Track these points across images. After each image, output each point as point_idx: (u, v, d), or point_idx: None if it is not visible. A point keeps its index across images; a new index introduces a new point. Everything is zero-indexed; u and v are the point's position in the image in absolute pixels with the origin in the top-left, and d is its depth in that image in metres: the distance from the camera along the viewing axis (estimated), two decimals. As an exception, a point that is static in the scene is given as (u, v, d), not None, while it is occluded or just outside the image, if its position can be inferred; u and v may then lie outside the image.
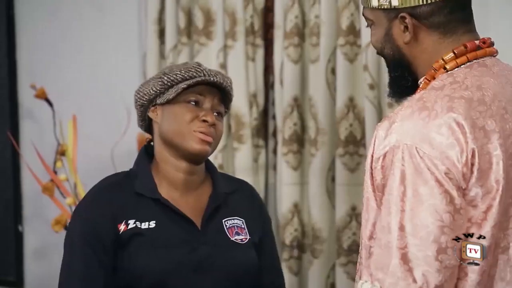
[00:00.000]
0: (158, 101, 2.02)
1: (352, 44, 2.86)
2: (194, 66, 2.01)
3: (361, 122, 2.87)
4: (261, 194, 3.11)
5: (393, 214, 1.42)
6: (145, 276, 1.91)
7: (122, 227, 1.94)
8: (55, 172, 3.13)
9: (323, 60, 2.90)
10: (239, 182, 2.19)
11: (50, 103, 3.20)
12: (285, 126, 2.98)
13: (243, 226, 2.06)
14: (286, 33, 2.96)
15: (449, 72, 1.55)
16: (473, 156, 1.43)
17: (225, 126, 3.09)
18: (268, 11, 3.09)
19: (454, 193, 1.41)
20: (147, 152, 2.07)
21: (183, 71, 1.99)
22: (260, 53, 3.09)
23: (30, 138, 3.34)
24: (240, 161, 3.06)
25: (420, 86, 1.59)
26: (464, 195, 1.43)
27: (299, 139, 2.99)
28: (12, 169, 3.49)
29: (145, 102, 2.03)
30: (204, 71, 2.00)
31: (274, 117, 3.09)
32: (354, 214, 2.89)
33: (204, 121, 1.97)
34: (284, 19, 2.97)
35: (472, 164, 1.43)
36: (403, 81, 1.63)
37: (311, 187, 2.95)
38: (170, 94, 1.99)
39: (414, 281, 1.39)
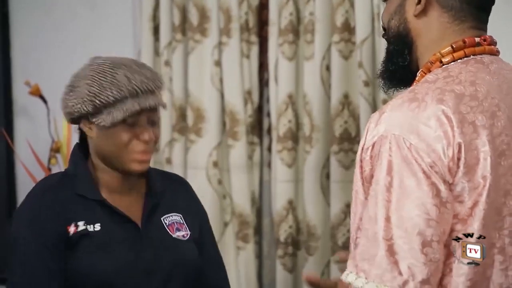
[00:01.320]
0: (92, 120, 1.94)
1: (346, 41, 2.86)
2: (125, 83, 1.91)
3: (356, 119, 2.87)
4: (256, 191, 3.11)
5: (380, 205, 1.41)
6: (91, 279, 1.90)
7: (71, 229, 1.91)
8: (50, 169, 3.13)
9: (318, 57, 2.90)
10: (173, 178, 2.17)
11: (44, 100, 3.19)
12: (279, 123, 2.98)
13: (182, 222, 2.05)
14: (280, 30, 2.95)
15: (444, 66, 1.54)
16: (459, 150, 1.41)
17: (220, 123, 3.10)
18: (262, 8, 3.08)
19: (441, 185, 1.40)
20: (80, 150, 2.03)
21: (114, 91, 1.90)
22: (255, 50, 3.09)
23: (25, 135, 3.34)
24: (234, 158, 3.06)
25: (417, 78, 1.58)
26: (450, 190, 1.42)
27: (294, 136, 2.99)
28: (7, 166, 3.48)
29: (75, 117, 1.97)
30: (135, 88, 1.91)
31: (268, 114, 3.09)
32: (349, 211, 2.86)
33: (143, 140, 1.93)
34: (278, 16, 2.96)
35: (459, 159, 1.41)
36: (400, 58, 1.61)
37: (306, 184, 2.95)
38: (106, 121, 1.90)
39: (400, 273, 1.37)
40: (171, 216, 2.04)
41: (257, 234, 3.12)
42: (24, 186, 3.44)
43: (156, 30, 3.20)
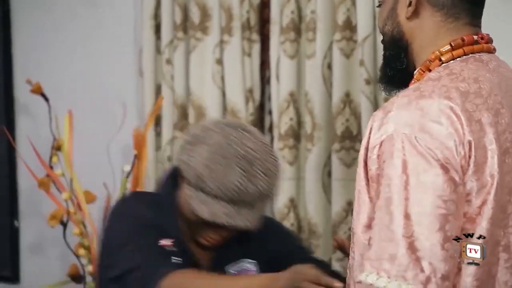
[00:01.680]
0: (186, 185, 1.88)
1: (348, 39, 2.86)
2: (231, 186, 1.81)
3: (357, 117, 2.87)
4: (257, 189, 3.11)
5: (396, 204, 1.39)
6: None
7: (164, 242, 1.90)
8: (51, 167, 3.12)
9: (319, 55, 2.90)
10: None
11: (46, 98, 3.19)
12: (281, 121, 2.98)
13: (254, 269, 2.00)
14: (282, 29, 2.95)
15: (444, 64, 1.54)
16: (470, 148, 1.41)
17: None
18: (264, 7, 3.08)
19: (458, 181, 1.40)
20: (174, 174, 1.96)
21: (215, 187, 1.82)
22: (256, 48, 3.09)
23: (26, 133, 3.34)
24: (236, 157, 3.05)
25: (415, 77, 1.58)
26: (463, 187, 1.42)
27: (295, 134, 2.99)
28: (8, 164, 3.48)
29: (180, 173, 1.92)
30: (237, 197, 1.81)
31: (270, 112, 3.09)
32: (350, 209, 2.89)
33: (215, 233, 1.91)
34: (280, 14, 2.96)
35: (469, 157, 1.41)
36: (397, 62, 1.61)
37: (307, 182, 2.95)
38: (191, 201, 1.85)
39: (422, 270, 1.36)
40: (241, 264, 2.00)
41: (259, 232, 3.13)
42: (25, 184, 3.45)
43: (157, 29, 3.20)
